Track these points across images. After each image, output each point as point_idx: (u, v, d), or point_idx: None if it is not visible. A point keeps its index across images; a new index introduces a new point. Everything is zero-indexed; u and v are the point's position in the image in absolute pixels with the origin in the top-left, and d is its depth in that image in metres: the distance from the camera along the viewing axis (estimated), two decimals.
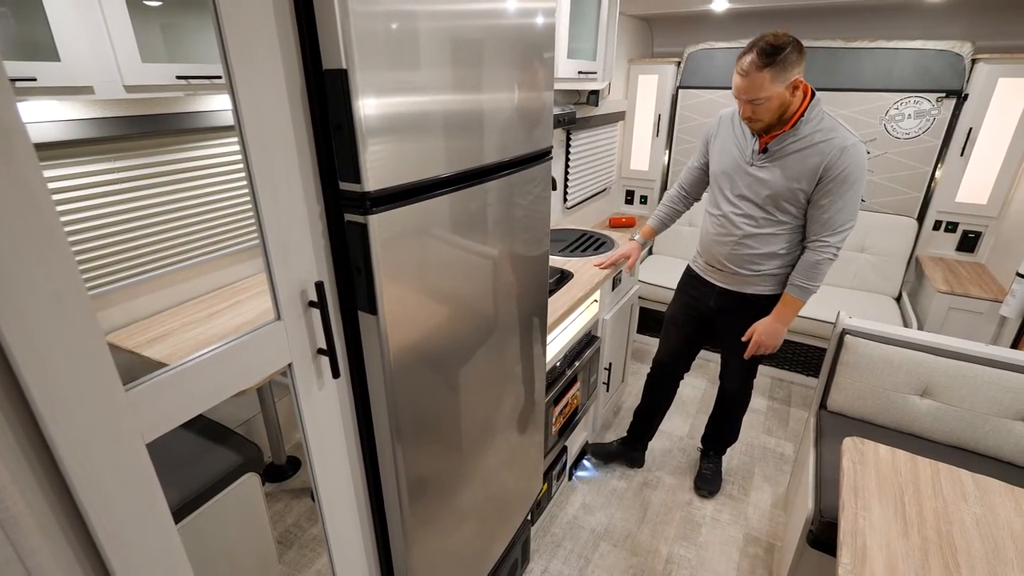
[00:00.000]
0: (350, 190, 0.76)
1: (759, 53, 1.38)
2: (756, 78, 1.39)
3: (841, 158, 1.44)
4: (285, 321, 0.75)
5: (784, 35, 1.39)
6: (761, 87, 1.40)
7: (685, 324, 1.94)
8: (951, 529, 1.06)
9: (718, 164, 1.70)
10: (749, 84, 1.41)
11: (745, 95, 1.44)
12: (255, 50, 0.63)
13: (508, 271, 1.20)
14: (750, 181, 1.60)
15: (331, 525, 0.95)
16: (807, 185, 1.50)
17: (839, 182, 1.46)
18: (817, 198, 1.50)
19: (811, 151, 1.47)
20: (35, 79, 1.08)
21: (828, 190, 1.48)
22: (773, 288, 1.70)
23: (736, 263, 1.70)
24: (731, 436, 2.15)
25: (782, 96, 1.43)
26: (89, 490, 0.53)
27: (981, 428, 1.60)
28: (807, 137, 1.48)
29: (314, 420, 0.85)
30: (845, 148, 1.44)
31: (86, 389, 0.52)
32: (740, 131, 1.62)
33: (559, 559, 1.85)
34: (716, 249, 1.73)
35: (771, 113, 1.46)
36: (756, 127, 1.52)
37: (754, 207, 1.61)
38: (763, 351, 1.71)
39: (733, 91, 1.48)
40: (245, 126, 0.64)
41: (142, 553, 0.60)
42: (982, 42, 2.61)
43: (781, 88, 1.41)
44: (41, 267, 0.47)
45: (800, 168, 1.49)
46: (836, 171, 1.45)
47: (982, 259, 2.79)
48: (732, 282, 1.74)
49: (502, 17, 0.97)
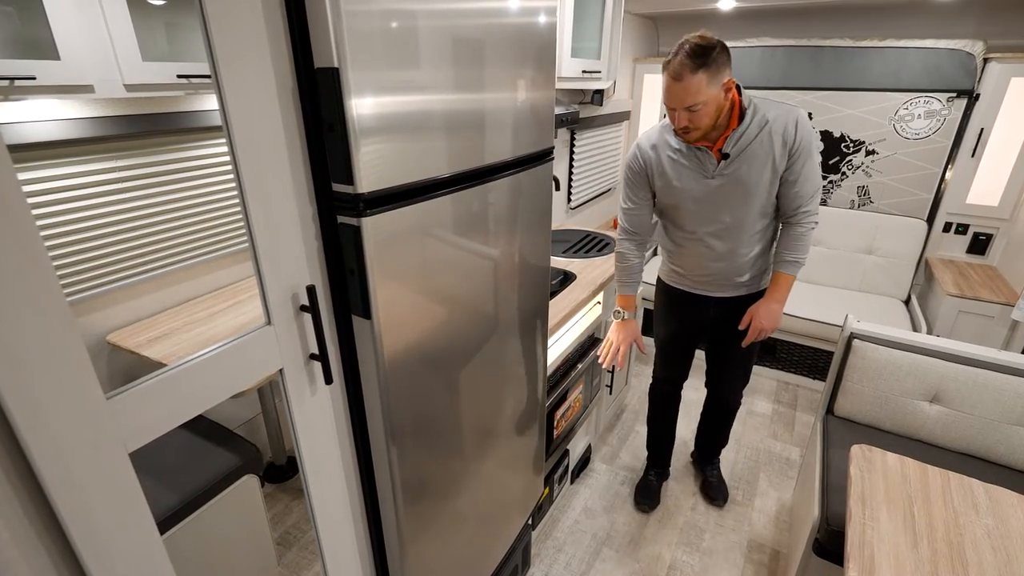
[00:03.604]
0: (343, 192, 0.74)
1: (690, 55, 1.30)
2: (692, 81, 1.31)
3: (798, 129, 1.43)
4: (276, 326, 0.74)
5: (709, 36, 1.33)
6: (699, 90, 1.32)
7: (682, 340, 1.87)
8: (962, 541, 1.03)
9: (676, 194, 1.56)
10: (684, 89, 1.32)
11: (681, 103, 1.35)
12: (243, 47, 0.62)
13: (507, 274, 1.18)
14: (723, 192, 1.51)
15: (324, 533, 0.93)
16: (780, 165, 1.47)
17: (803, 152, 1.45)
18: (786, 175, 1.48)
19: (767, 133, 1.44)
20: (34, 77, 1.07)
21: (795, 163, 1.46)
22: (766, 281, 1.68)
23: (738, 273, 1.64)
24: (724, 441, 2.13)
25: (718, 99, 1.36)
26: (68, 501, 0.52)
27: (992, 436, 1.56)
28: (755, 124, 1.44)
29: (306, 426, 0.83)
30: (796, 119, 1.43)
31: (64, 397, 0.50)
32: (683, 152, 1.51)
33: (560, 564, 1.83)
34: (713, 268, 1.65)
35: (708, 118, 1.38)
36: (692, 136, 1.43)
37: (736, 214, 1.54)
38: (763, 335, 1.63)
39: (666, 100, 1.39)
40: (232, 126, 0.62)
41: (125, 564, 0.59)
42: (994, 41, 2.56)
43: (716, 90, 1.34)
44: (13, 272, 0.45)
45: (764, 154, 1.45)
46: (798, 142, 1.44)
47: (993, 262, 2.75)
48: (732, 290, 1.68)
49: (500, 16, 0.95)
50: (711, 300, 1.71)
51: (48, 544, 0.53)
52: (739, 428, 2.52)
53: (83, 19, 1.12)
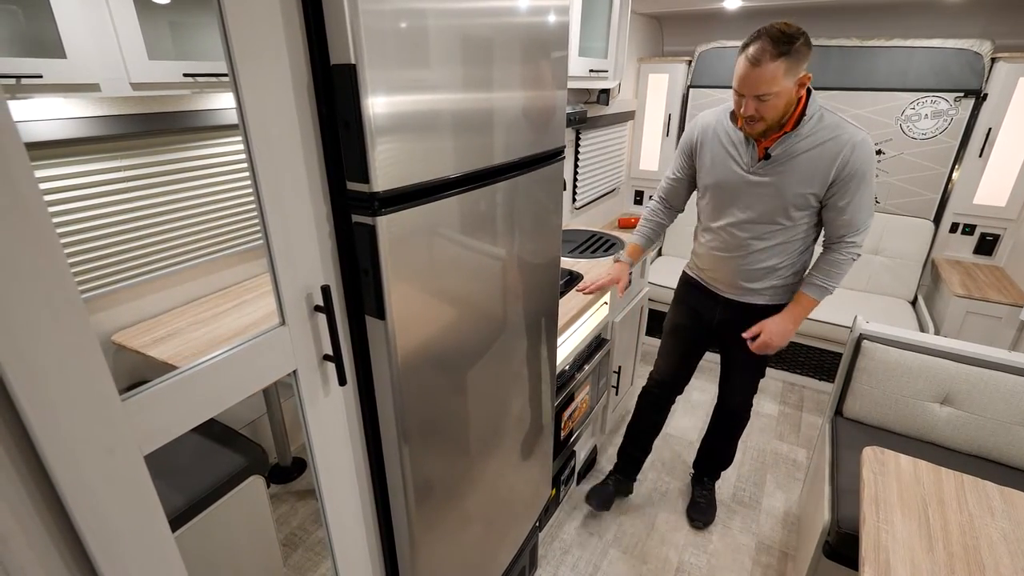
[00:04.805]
0: (358, 190, 0.73)
1: (772, 41, 1.24)
2: (769, 69, 1.25)
3: (854, 155, 1.34)
4: (290, 326, 0.73)
5: (794, 25, 1.27)
6: (774, 80, 1.26)
7: (687, 336, 1.82)
8: (978, 544, 1.02)
9: (711, 176, 1.55)
10: (759, 76, 1.26)
11: (753, 90, 1.29)
12: (260, 44, 0.61)
13: (519, 273, 1.17)
14: (753, 191, 1.47)
15: (336, 533, 0.92)
16: (819, 188, 1.39)
17: (856, 180, 1.36)
18: (834, 200, 1.40)
19: (820, 151, 1.36)
20: (41, 76, 1.06)
21: (845, 190, 1.38)
22: (781, 298, 1.61)
23: (745, 278, 1.59)
24: (727, 459, 2.02)
25: (790, 93, 1.30)
26: (83, 504, 0.51)
27: (1004, 437, 1.55)
28: (812, 136, 1.37)
29: (319, 427, 0.82)
30: (856, 144, 1.34)
31: (79, 399, 0.49)
32: (732, 138, 1.48)
33: (567, 566, 1.82)
34: (721, 264, 1.62)
35: (777, 112, 1.32)
36: (756, 129, 1.36)
37: (760, 218, 1.49)
38: (768, 351, 1.60)
39: (736, 85, 1.33)
40: (249, 124, 0.61)
41: (139, 568, 0.58)
42: (1002, 40, 2.55)
43: (791, 84, 1.28)
44: (30, 272, 0.44)
45: (810, 170, 1.38)
46: (851, 169, 1.35)
47: (1000, 262, 2.73)
48: (739, 293, 1.63)
49: (514, 15, 0.94)
50: (720, 299, 1.68)
51: (61, 547, 0.52)
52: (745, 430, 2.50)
53: (90, 17, 1.11)
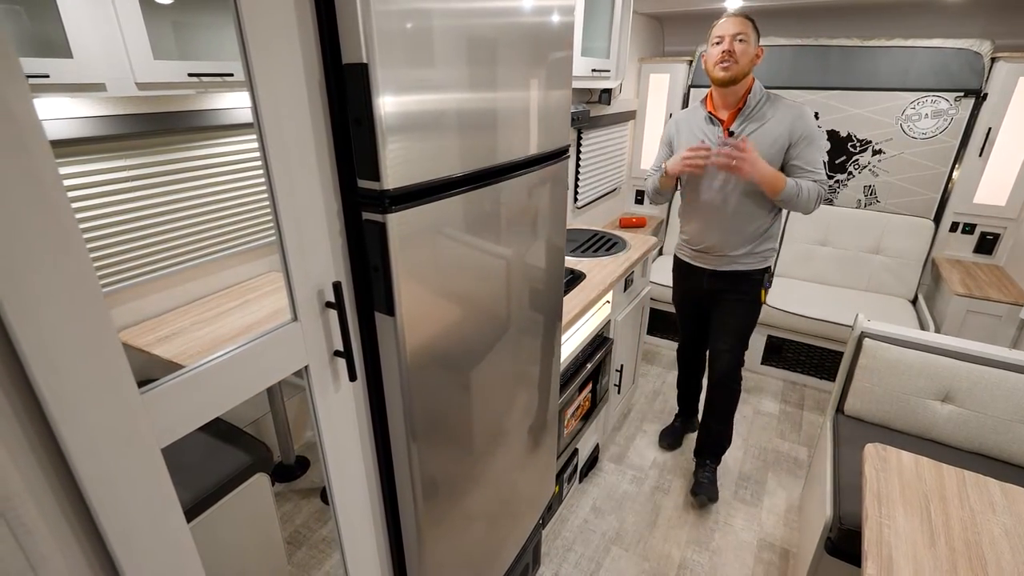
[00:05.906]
0: (369, 188, 0.74)
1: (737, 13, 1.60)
2: (743, 20, 1.59)
3: (801, 122, 1.63)
4: (302, 322, 0.73)
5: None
6: (746, 29, 1.59)
7: (690, 305, 2.11)
8: (979, 540, 1.03)
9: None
10: (737, 21, 1.59)
11: (732, 29, 1.58)
12: (275, 45, 0.62)
13: (524, 271, 1.18)
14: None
15: (345, 527, 0.93)
16: (778, 152, 1.66)
17: (807, 142, 1.64)
18: (796, 162, 1.67)
19: (773, 123, 1.65)
20: (47, 76, 1.07)
21: (799, 152, 1.65)
22: (759, 262, 1.84)
23: (728, 246, 1.82)
24: (725, 439, 2.08)
25: (753, 53, 1.61)
26: (102, 496, 0.52)
27: (1005, 435, 1.56)
28: (763, 113, 1.66)
29: (330, 422, 0.83)
30: (801, 114, 1.64)
31: (99, 391, 0.50)
32: (702, 126, 1.76)
33: (570, 563, 1.82)
34: (707, 236, 1.85)
35: (746, 58, 1.60)
36: (730, 71, 1.61)
37: (736, 186, 1.72)
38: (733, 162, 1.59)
39: (718, 31, 1.62)
40: (264, 122, 0.62)
41: (156, 560, 0.59)
42: (1002, 40, 2.56)
43: (755, 42, 1.61)
44: (54, 266, 0.45)
45: (768, 140, 1.65)
46: (801, 133, 1.63)
47: (1000, 261, 2.75)
48: (722, 263, 1.86)
49: (522, 15, 0.95)
50: (705, 272, 1.92)
51: (81, 539, 0.53)
52: (746, 428, 2.52)
53: (95, 17, 1.12)
